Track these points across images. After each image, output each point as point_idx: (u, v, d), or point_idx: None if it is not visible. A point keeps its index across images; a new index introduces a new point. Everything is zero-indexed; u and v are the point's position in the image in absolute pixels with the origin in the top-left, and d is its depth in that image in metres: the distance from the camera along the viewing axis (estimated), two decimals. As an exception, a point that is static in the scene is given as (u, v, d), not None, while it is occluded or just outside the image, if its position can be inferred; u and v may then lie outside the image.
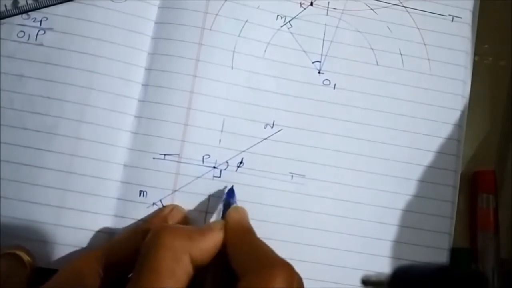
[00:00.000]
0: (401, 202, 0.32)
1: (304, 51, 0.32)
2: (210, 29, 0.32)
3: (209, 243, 0.25)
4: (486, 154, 0.34)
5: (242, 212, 0.28)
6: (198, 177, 0.30)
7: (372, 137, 0.32)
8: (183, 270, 0.23)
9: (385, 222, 0.31)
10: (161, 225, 0.26)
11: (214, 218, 0.30)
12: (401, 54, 0.33)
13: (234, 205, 0.29)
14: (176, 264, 0.23)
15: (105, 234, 0.29)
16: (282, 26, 0.33)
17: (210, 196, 0.30)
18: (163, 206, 0.30)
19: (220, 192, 0.30)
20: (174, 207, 0.30)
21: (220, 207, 0.30)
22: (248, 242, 0.26)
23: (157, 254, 0.23)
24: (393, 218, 0.31)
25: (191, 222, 0.30)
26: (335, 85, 0.32)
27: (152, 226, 0.26)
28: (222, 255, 0.25)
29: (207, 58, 0.31)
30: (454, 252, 0.32)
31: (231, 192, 0.30)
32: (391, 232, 0.31)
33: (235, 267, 0.24)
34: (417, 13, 0.34)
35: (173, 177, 0.30)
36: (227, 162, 0.31)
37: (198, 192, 0.30)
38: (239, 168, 0.31)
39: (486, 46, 0.35)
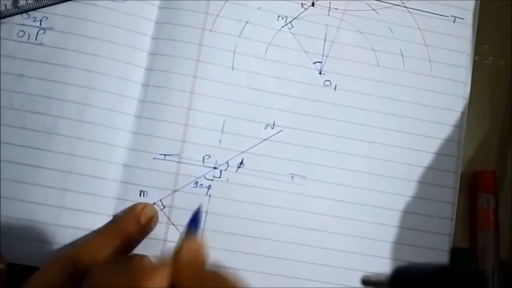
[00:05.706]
0: (401, 203, 0.32)
1: (305, 52, 0.32)
2: (211, 30, 0.32)
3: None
4: (486, 154, 0.35)
5: (197, 245, 0.23)
6: (198, 178, 0.30)
7: (372, 138, 0.32)
8: None
9: (385, 223, 0.31)
10: (97, 267, 0.24)
11: (214, 218, 0.30)
12: (402, 55, 0.33)
13: (188, 236, 0.24)
14: None
15: (105, 235, 0.29)
16: (283, 27, 0.32)
17: (210, 196, 0.30)
18: (134, 204, 0.29)
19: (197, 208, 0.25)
20: (145, 205, 0.29)
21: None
22: None
23: None
24: (393, 219, 0.31)
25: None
26: (336, 86, 0.32)
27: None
28: None
29: (207, 58, 0.31)
30: (454, 252, 0.31)
31: (196, 217, 0.24)
32: (391, 233, 0.31)
33: None
34: (419, 13, 0.34)
35: (173, 177, 0.30)
36: (227, 162, 0.31)
37: (198, 193, 0.30)
38: (239, 169, 0.31)
39: (486, 46, 0.35)
